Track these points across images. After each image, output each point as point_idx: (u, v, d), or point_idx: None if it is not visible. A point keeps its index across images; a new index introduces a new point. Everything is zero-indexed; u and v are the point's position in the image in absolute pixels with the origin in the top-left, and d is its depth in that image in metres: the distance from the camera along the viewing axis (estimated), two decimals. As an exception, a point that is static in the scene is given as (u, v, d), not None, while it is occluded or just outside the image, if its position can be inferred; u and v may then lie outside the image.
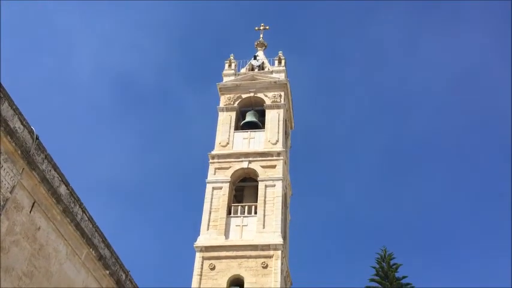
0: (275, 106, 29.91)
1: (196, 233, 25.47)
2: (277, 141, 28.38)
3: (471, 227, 69.41)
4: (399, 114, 73.76)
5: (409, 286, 26.60)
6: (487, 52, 68.89)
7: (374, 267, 27.65)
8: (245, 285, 23.45)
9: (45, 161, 12.45)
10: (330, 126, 74.99)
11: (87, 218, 14.35)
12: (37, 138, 12.05)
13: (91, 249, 14.38)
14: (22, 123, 11.63)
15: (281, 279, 23.81)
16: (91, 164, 68.71)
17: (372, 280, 27.17)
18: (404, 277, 26.99)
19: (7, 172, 11.03)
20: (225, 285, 23.52)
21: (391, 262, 27.62)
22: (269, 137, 28.60)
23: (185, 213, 69.59)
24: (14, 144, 11.10)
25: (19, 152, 11.29)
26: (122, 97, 74.29)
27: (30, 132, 11.94)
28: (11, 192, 11.20)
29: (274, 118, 29.47)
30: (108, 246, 15.55)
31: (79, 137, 69.38)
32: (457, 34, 69.60)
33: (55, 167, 12.81)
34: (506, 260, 59.73)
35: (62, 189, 13.07)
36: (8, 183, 11.09)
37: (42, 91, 66.01)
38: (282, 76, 31.42)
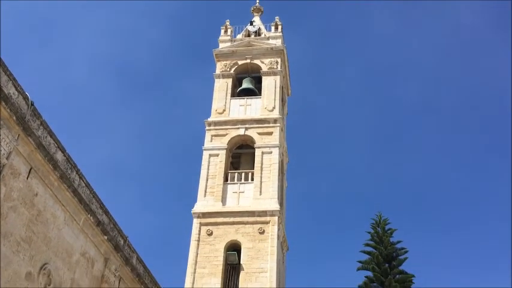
0: (271, 73, 29.73)
1: (194, 200, 25.67)
2: (274, 108, 28.31)
3: (467, 192, 70.10)
4: (395, 81, 73.50)
5: (403, 250, 26.92)
6: (480, 16, 68.18)
7: (369, 232, 27.91)
8: (242, 250, 23.76)
9: (41, 127, 12.41)
10: (326, 94, 74.74)
11: (84, 185, 14.40)
12: (32, 104, 11.98)
13: (89, 215, 14.47)
14: (17, 89, 11.54)
15: (277, 244, 24.13)
16: (88, 140, 68.62)
17: (367, 245, 27.46)
18: (399, 242, 27.28)
19: (3, 138, 11.00)
20: (223, 251, 23.82)
21: (386, 227, 27.88)
22: (266, 103, 28.52)
23: (184, 180, 70.03)
24: (9, 110, 11.05)
25: (14, 118, 11.24)
26: (119, 78, 73.65)
27: (25, 98, 11.86)
28: (7, 159, 11.20)
29: (270, 85, 29.33)
30: (106, 212, 15.66)
31: (76, 116, 69.05)
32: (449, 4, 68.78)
33: (51, 134, 12.79)
34: (504, 224, 60.61)
35: (59, 156, 13.07)
36: (4, 149, 11.07)
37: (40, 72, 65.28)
38: (278, 42, 31.12)
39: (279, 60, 30.22)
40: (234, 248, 24.08)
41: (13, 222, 11.41)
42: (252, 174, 26.29)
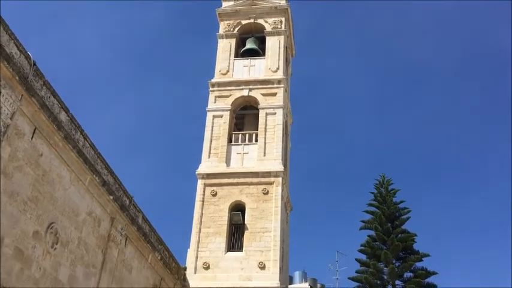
0: (275, 33, 29.34)
1: (199, 161, 25.75)
2: (278, 68, 28.06)
3: (470, 154, 70.18)
4: (399, 39, 72.55)
5: (406, 210, 27.15)
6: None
7: (372, 193, 28.10)
8: (246, 211, 24.01)
9: (44, 87, 12.35)
10: (330, 54, 73.99)
11: (88, 145, 14.43)
12: (34, 64, 11.89)
13: (94, 176, 14.56)
14: (18, 49, 11.43)
15: (281, 204, 24.34)
16: (92, 105, 68.49)
17: (370, 205, 27.68)
18: (401, 202, 27.48)
19: (6, 98, 10.97)
20: (227, 211, 24.07)
21: (389, 188, 28.05)
22: (269, 64, 28.26)
23: (188, 142, 70.28)
24: (11, 69, 10.97)
25: (17, 78, 11.18)
26: (122, 44, 72.71)
27: (27, 57, 11.77)
28: (11, 119, 11.19)
29: (274, 45, 29.00)
30: (111, 172, 15.75)
31: (80, 83, 68.58)
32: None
33: (54, 94, 12.74)
34: (506, 184, 60.87)
35: (62, 116, 13.06)
36: (8, 109, 11.05)
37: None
38: (282, 1, 30.59)
39: (283, 19, 29.78)
40: (238, 209, 24.32)
41: (19, 182, 11.50)
42: (256, 135, 26.29)
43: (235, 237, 23.80)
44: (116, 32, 72.79)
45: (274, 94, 27.22)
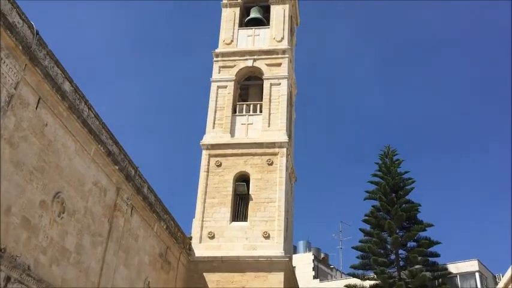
0: (280, 1, 28.91)
1: (204, 132, 25.73)
2: (283, 38, 27.76)
3: (474, 123, 69.90)
4: (404, 6, 71.56)
5: (410, 180, 27.17)
6: None
7: (377, 163, 28.10)
8: (251, 181, 24.08)
9: (47, 57, 12.29)
10: (334, 25, 73.10)
11: (93, 115, 14.43)
12: (37, 33, 11.80)
13: (99, 146, 14.60)
14: (21, 18, 11.33)
15: (286, 175, 24.40)
16: (97, 77, 68.12)
17: (375, 175, 27.71)
18: (406, 172, 27.47)
19: (10, 68, 10.93)
20: (232, 181, 24.16)
21: (394, 158, 28.05)
22: (274, 34, 27.95)
23: (193, 113, 70.17)
24: (14, 39, 10.90)
25: (20, 47, 11.11)
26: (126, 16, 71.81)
27: (30, 27, 11.68)
28: (15, 89, 11.17)
29: (279, 14, 28.61)
30: (116, 142, 15.78)
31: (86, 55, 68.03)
32: None
33: (57, 63, 12.68)
34: (507, 155, 60.73)
35: (66, 86, 13.02)
36: (12, 79, 11.02)
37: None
38: (286, -31, 30.00)
39: (287, -13, 29.28)
40: (243, 179, 24.40)
41: (25, 151, 11.55)
42: (261, 106, 26.18)
43: (239, 208, 23.95)
44: (120, 3, 71.99)
45: (279, 64, 26.99)
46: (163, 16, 74.90)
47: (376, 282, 25.03)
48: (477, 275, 28.99)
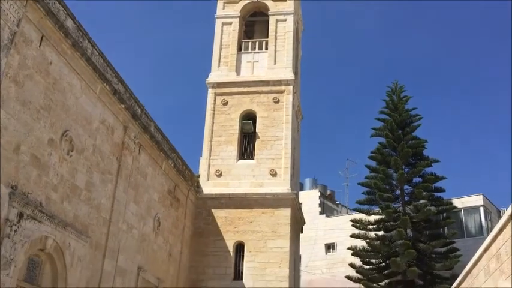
0: None
1: (209, 70, 25.51)
2: (288, -28, 26.90)
3: (482, 61, 68.82)
4: None
5: (417, 117, 27.02)
6: None
7: (384, 100, 27.91)
8: (257, 119, 24.09)
9: (48, -8, 12.00)
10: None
11: (97, 53, 14.27)
12: (36, -32, 11.46)
13: (105, 84, 14.54)
14: (18, -48, 10.99)
15: (292, 113, 24.33)
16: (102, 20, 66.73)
17: (382, 112, 27.55)
18: (414, 108, 27.28)
19: (11, 5, 10.71)
20: (238, 120, 24.17)
21: (402, 95, 27.81)
22: (279, -33, 27.05)
23: (198, 51, 69.26)
24: (13, -26, 10.61)
25: (20, -18, 10.84)
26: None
27: (29, -39, 11.33)
28: (17, 26, 11.00)
29: None
30: (121, 81, 15.70)
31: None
32: None
33: (59, 0, 12.41)
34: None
35: (69, 23, 12.80)
36: (14, 16, 10.83)
37: None
38: None
39: None
40: (249, 117, 24.39)
41: (30, 90, 11.51)
42: (266, 43, 25.78)
43: (246, 146, 24.08)
44: None
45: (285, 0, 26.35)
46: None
47: (381, 216, 25.48)
48: (481, 209, 29.27)
